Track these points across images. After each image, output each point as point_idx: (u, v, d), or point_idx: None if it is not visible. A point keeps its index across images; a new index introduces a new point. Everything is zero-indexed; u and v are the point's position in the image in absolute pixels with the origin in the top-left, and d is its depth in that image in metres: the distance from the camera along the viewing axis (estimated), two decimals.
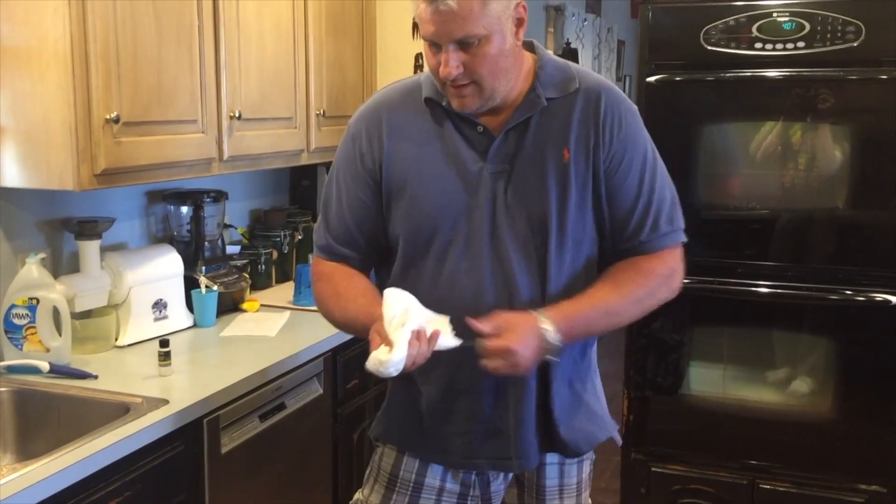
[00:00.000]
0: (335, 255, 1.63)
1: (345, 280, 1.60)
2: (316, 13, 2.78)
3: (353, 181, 1.60)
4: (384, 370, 1.36)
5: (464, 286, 1.51)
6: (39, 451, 1.71)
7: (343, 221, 1.61)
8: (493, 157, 1.52)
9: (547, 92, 1.53)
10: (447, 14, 1.38)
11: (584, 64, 6.32)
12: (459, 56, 1.42)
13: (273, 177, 3.26)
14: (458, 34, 1.40)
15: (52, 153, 1.93)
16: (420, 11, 1.42)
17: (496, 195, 1.52)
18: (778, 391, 2.86)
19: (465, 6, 1.38)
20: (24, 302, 2.06)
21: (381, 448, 1.71)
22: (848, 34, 2.51)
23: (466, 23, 1.39)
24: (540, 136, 1.52)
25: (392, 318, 1.39)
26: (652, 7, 2.71)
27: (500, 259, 1.52)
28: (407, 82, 1.64)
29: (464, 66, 1.43)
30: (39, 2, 1.87)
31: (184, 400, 1.88)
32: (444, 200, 1.53)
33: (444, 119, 1.55)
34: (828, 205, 2.71)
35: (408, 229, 1.56)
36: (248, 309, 2.70)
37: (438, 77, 1.47)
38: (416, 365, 1.39)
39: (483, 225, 1.52)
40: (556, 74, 1.55)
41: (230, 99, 2.38)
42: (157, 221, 2.68)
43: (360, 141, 1.60)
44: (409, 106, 1.58)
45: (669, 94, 2.72)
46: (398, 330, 1.37)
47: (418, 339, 1.38)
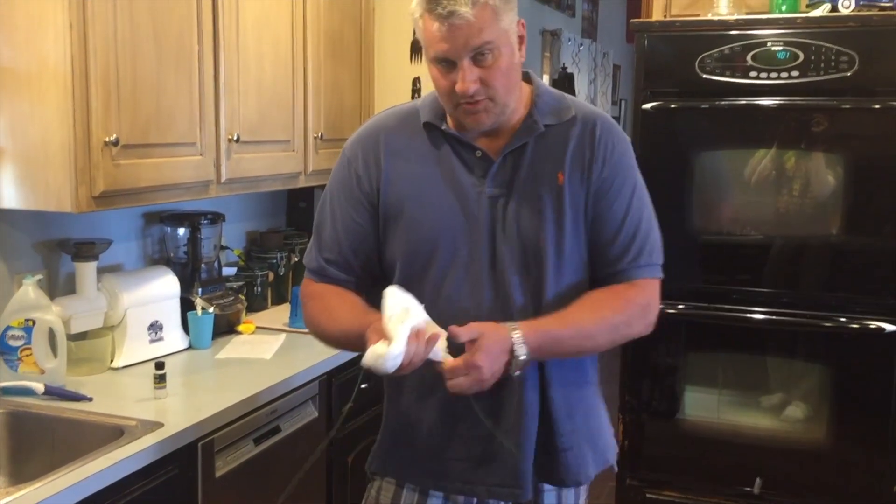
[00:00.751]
0: (327, 278, 1.62)
1: (336, 297, 1.60)
2: (315, 37, 2.80)
3: (348, 204, 1.60)
4: (381, 364, 1.33)
5: (462, 309, 1.51)
6: (33, 473, 1.70)
7: (337, 244, 1.61)
8: (491, 180, 1.53)
9: (544, 119, 1.55)
10: (463, 26, 1.39)
11: (580, 88, 6.37)
12: (476, 71, 1.43)
13: (270, 199, 3.27)
14: (475, 43, 1.41)
15: (51, 175, 1.94)
16: (431, 31, 1.42)
17: (495, 219, 1.53)
18: (772, 417, 2.86)
19: (480, 17, 1.40)
20: (20, 323, 2.06)
21: (378, 482, 1.69)
22: (842, 64, 2.54)
23: (483, 32, 1.40)
24: (536, 160, 1.54)
25: (392, 315, 1.37)
26: (648, 35, 2.74)
27: (499, 282, 1.52)
28: (404, 107, 1.65)
29: (480, 81, 1.44)
30: (41, 25, 1.89)
31: (178, 423, 1.88)
32: (442, 223, 1.53)
33: (441, 143, 1.56)
34: (822, 231, 2.73)
35: (405, 252, 1.56)
36: (243, 331, 2.70)
37: (451, 98, 1.47)
38: (412, 366, 1.37)
39: (482, 248, 1.52)
40: (553, 103, 1.58)
41: (228, 122, 2.40)
42: (154, 243, 2.69)
43: (356, 164, 1.60)
44: (406, 130, 1.59)
45: (665, 121, 2.74)
46: (398, 325, 1.35)
47: (417, 338, 1.36)
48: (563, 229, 1.53)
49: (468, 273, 1.53)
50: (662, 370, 2.89)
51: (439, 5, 1.40)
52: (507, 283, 1.52)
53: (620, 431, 2.90)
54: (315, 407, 2.38)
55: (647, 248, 1.58)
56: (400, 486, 1.65)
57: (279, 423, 2.23)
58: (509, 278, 1.52)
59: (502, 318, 1.50)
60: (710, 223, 2.85)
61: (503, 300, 1.52)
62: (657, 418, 2.90)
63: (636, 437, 2.90)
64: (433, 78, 1.49)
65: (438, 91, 1.51)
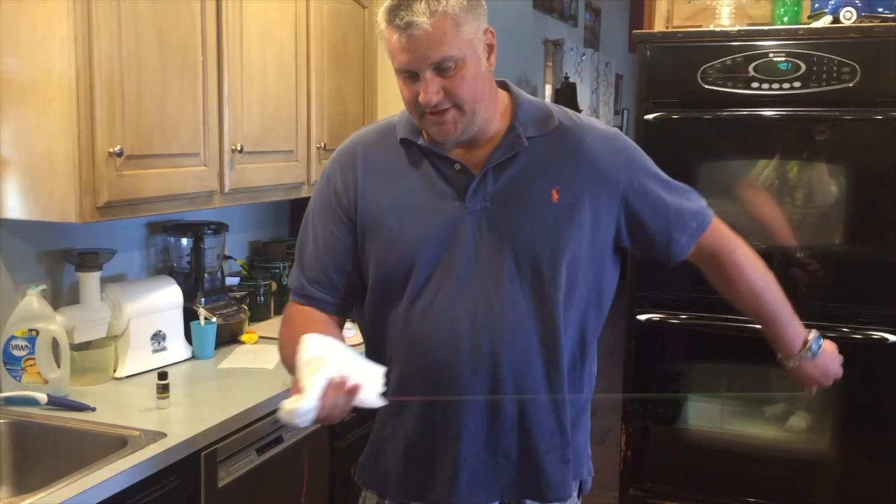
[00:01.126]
0: (309, 299, 1.59)
1: (303, 325, 1.52)
2: (318, 47, 2.81)
3: (329, 220, 1.58)
4: (291, 420, 1.25)
5: (438, 326, 1.49)
6: (36, 484, 1.70)
7: (319, 261, 1.59)
8: (472, 195, 1.50)
9: (527, 131, 1.52)
10: (422, 38, 1.38)
11: (582, 97, 6.38)
12: (438, 81, 1.42)
13: (273, 209, 3.27)
14: (435, 57, 1.40)
15: (55, 185, 1.95)
16: (392, 43, 1.42)
17: (476, 234, 1.49)
18: (776, 427, 2.86)
19: (439, 27, 1.38)
20: (23, 333, 2.07)
21: (364, 492, 1.68)
22: (843, 75, 2.55)
23: (442, 45, 1.39)
24: (523, 175, 1.51)
25: (306, 364, 1.29)
26: (650, 46, 2.74)
27: (480, 298, 1.49)
28: (382, 122, 1.64)
29: (444, 91, 1.42)
30: (46, 37, 1.90)
31: (181, 433, 1.88)
32: (420, 238, 1.50)
33: (420, 158, 1.54)
34: (824, 241, 2.73)
35: (383, 268, 1.53)
36: (246, 341, 2.70)
37: (416, 108, 1.45)
38: (335, 418, 1.31)
39: (461, 263, 1.49)
40: (534, 112, 1.55)
41: (232, 132, 2.40)
42: (158, 253, 2.69)
43: (335, 181, 1.59)
44: (383, 144, 1.57)
45: (667, 132, 2.75)
46: (310, 377, 1.27)
47: (336, 389, 1.28)
48: (559, 245, 1.50)
49: (445, 290, 1.49)
50: (665, 380, 2.89)
51: (397, 17, 1.39)
52: (489, 299, 1.49)
53: (623, 441, 2.90)
54: None
55: (693, 205, 1.65)
56: (382, 498, 1.63)
57: (282, 433, 2.23)
58: (492, 294, 1.49)
59: (479, 334, 1.48)
60: None
61: (484, 316, 1.48)
62: (660, 428, 2.90)
63: (639, 447, 2.90)
64: (400, 89, 1.47)
65: (405, 102, 1.48)
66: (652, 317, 2.81)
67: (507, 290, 1.49)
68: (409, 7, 1.38)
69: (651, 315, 2.81)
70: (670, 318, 2.77)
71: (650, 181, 1.60)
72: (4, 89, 1.96)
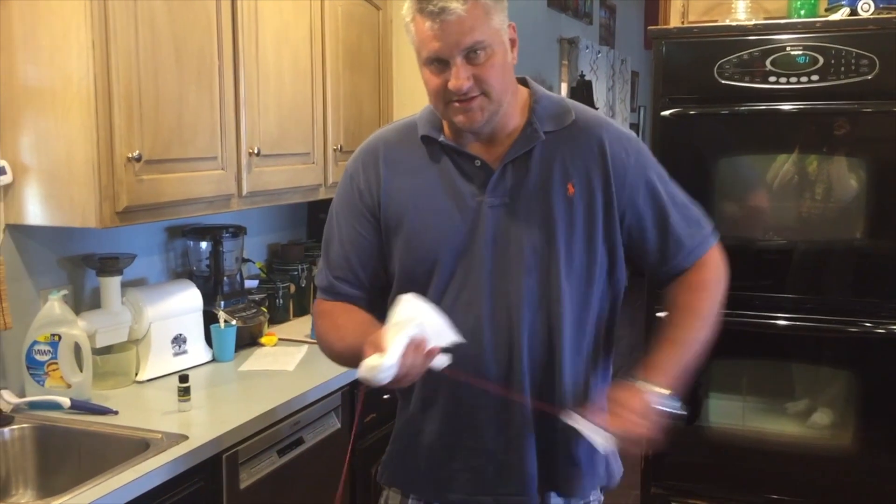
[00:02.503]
0: (338, 295, 1.62)
1: (344, 314, 1.59)
2: (333, 50, 2.82)
3: (353, 218, 1.60)
4: (374, 376, 1.28)
5: (462, 320, 1.48)
6: (60, 487, 1.72)
7: (346, 259, 1.61)
8: (492, 190, 1.51)
9: (544, 125, 1.53)
10: (455, 24, 1.39)
11: (598, 95, 6.36)
12: (468, 68, 1.42)
13: (290, 211, 3.29)
14: (468, 42, 1.40)
15: (75, 191, 1.97)
16: (423, 31, 1.41)
17: (497, 229, 1.51)
18: (798, 423, 2.84)
19: (472, 13, 1.39)
20: (46, 338, 2.08)
21: (386, 492, 1.69)
22: (862, 67, 2.53)
23: (474, 31, 1.40)
24: (541, 169, 1.52)
25: (394, 324, 1.33)
26: (666, 42, 2.73)
27: (502, 293, 1.50)
28: (403, 121, 1.65)
29: (473, 78, 1.42)
30: (64, 44, 1.92)
31: (203, 435, 1.89)
32: (442, 234, 1.52)
33: (440, 155, 1.55)
34: (845, 235, 2.70)
35: (406, 263, 1.55)
36: (266, 343, 2.72)
37: (443, 96, 1.45)
38: (411, 378, 1.33)
39: (483, 258, 1.51)
40: (552, 107, 1.56)
41: (249, 136, 2.42)
42: (177, 257, 2.71)
43: (357, 179, 1.60)
44: (404, 142, 1.59)
45: (684, 128, 2.73)
46: (395, 336, 1.30)
47: (415, 350, 1.31)
48: (573, 240, 1.51)
49: (468, 284, 1.51)
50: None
51: (430, 3, 1.39)
52: (510, 292, 1.50)
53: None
54: (338, 418, 2.39)
55: (694, 229, 1.61)
56: (405, 496, 1.65)
57: (302, 435, 2.23)
58: (513, 288, 1.50)
59: (503, 330, 1.50)
60: (732, 229, 2.83)
61: (506, 310, 1.50)
62: (681, 426, 2.88)
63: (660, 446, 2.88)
64: (425, 80, 1.47)
65: (430, 92, 1.47)
66: None
67: (526, 284, 1.50)
68: None
69: None
70: None
71: (658, 188, 1.59)
72: (24, 97, 1.98)
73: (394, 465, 1.67)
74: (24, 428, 1.96)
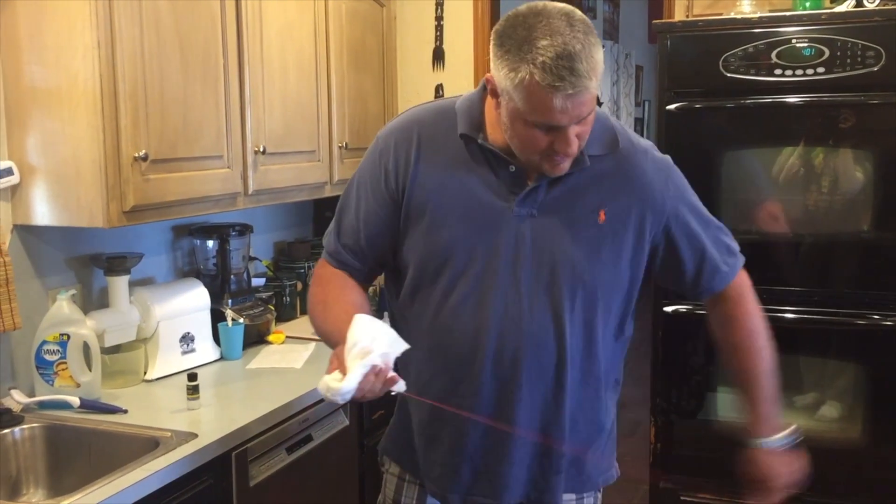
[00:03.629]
0: (340, 262, 1.62)
1: (337, 290, 1.59)
2: (337, 47, 2.82)
3: (373, 196, 1.58)
4: (331, 397, 1.35)
5: (466, 320, 1.50)
6: (71, 486, 1.73)
7: (356, 232, 1.60)
8: (521, 200, 1.49)
9: (591, 148, 1.49)
10: (587, 101, 1.35)
11: (602, 90, 6.34)
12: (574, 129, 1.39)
13: (296, 209, 3.29)
14: (587, 111, 1.37)
15: (82, 191, 1.97)
16: (545, 102, 1.33)
17: (519, 238, 1.49)
18: (806, 416, 2.83)
19: (595, 84, 1.35)
20: (55, 338, 2.09)
21: (385, 473, 1.73)
22: (868, 59, 2.51)
23: (594, 99, 1.38)
24: (576, 191, 1.50)
25: (354, 346, 1.35)
26: (670, 35, 2.72)
27: (513, 301, 1.49)
28: (441, 104, 1.60)
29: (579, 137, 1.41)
30: (70, 44, 1.92)
31: (212, 433, 1.90)
32: (462, 233, 1.50)
33: (476, 152, 1.51)
34: (852, 228, 2.69)
35: (421, 254, 1.54)
36: (273, 341, 2.72)
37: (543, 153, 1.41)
38: (366, 399, 1.38)
39: (500, 264, 1.49)
40: (600, 133, 1.52)
41: (255, 134, 2.42)
42: (184, 256, 2.72)
43: (387, 157, 1.56)
44: (440, 131, 1.55)
45: (690, 122, 2.72)
46: (356, 360, 1.34)
47: (375, 376, 1.35)
48: (598, 264, 1.51)
49: (478, 287, 1.50)
50: (693, 371, 2.86)
51: (570, 85, 1.31)
52: (522, 303, 1.49)
53: (653, 434, 2.89)
54: (346, 415, 2.39)
55: (726, 255, 1.65)
56: (402, 478, 1.69)
57: (311, 432, 2.24)
58: (524, 301, 1.49)
59: (510, 335, 1.49)
60: (738, 222, 2.82)
61: (513, 321, 1.49)
62: (689, 420, 2.88)
63: (668, 440, 2.88)
64: (523, 136, 1.41)
65: (527, 146, 1.42)
66: (679, 308, 2.79)
67: (539, 303, 1.49)
68: (573, 71, 1.30)
69: (678, 307, 2.79)
70: (697, 310, 2.74)
71: (693, 216, 1.61)
72: (30, 98, 1.99)
73: (390, 438, 1.73)
74: (35, 427, 1.97)
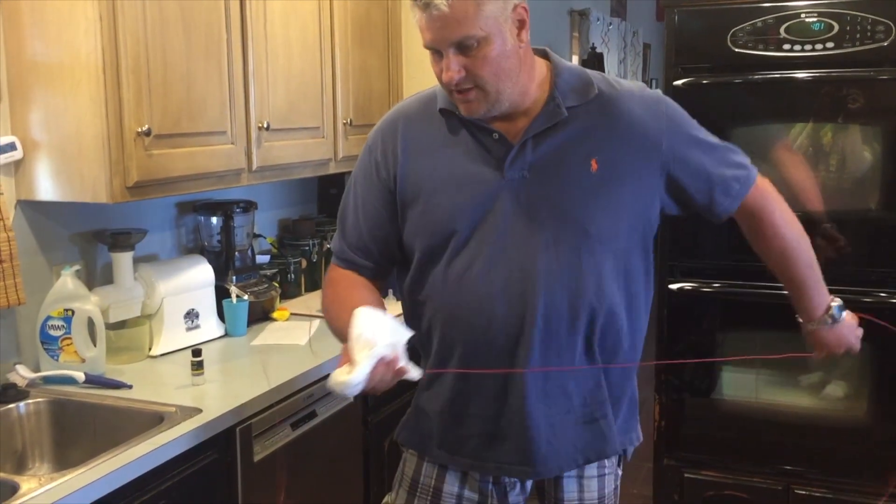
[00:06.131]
0: (348, 263, 1.65)
1: (347, 289, 1.62)
2: (342, 23, 2.80)
3: (368, 191, 1.62)
4: (342, 391, 1.35)
5: (475, 290, 1.51)
6: (76, 460, 1.73)
7: (358, 230, 1.64)
8: (510, 164, 1.51)
9: (567, 100, 1.51)
10: (441, 19, 1.38)
11: (609, 68, 6.30)
12: (460, 60, 1.42)
13: (301, 186, 3.28)
14: (455, 37, 1.40)
15: (86, 167, 1.97)
16: (418, 20, 1.43)
17: (514, 203, 1.50)
18: (812, 395, 2.83)
19: (459, 8, 1.37)
20: (59, 313, 2.09)
21: (405, 453, 1.73)
22: (878, 34, 2.49)
23: (461, 25, 1.38)
24: (563, 145, 1.51)
25: (358, 338, 1.36)
26: (678, 11, 2.70)
27: (517, 266, 1.50)
28: (425, 93, 1.65)
29: (465, 70, 1.42)
30: (71, 19, 1.91)
31: (217, 409, 1.90)
32: (459, 207, 1.52)
33: (459, 128, 1.55)
34: (860, 206, 2.68)
35: (423, 235, 1.56)
36: (278, 318, 2.72)
37: (445, 84, 1.47)
38: (378, 391, 1.39)
39: (499, 231, 1.51)
40: (574, 81, 1.54)
41: (258, 110, 2.41)
42: (188, 232, 2.71)
43: (375, 152, 1.62)
44: (424, 115, 1.59)
45: (697, 98, 2.70)
46: (363, 352, 1.34)
47: (385, 367, 1.36)
48: (595, 214, 1.51)
49: (483, 255, 1.51)
50: (699, 350, 2.86)
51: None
52: (527, 267, 1.50)
53: (657, 412, 2.89)
54: None
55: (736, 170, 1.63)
56: (421, 458, 1.69)
57: (315, 408, 2.24)
58: (528, 262, 1.50)
59: (517, 300, 1.50)
60: None
61: (521, 283, 1.50)
62: (694, 398, 2.88)
63: (673, 418, 2.88)
64: (431, 64, 1.49)
65: (435, 77, 1.49)
66: (684, 286, 2.78)
67: (542, 259, 1.50)
68: None
69: (683, 284, 2.78)
70: (703, 287, 2.74)
71: (692, 147, 1.59)
72: (32, 72, 1.98)
73: (410, 426, 1.71)
74: (40, 402, 1.98)
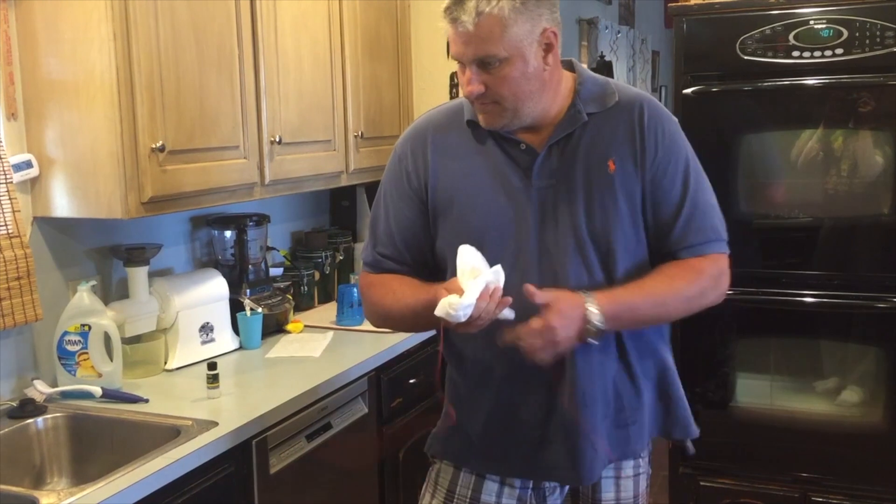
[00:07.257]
0: (383, 271, 1.67)
1: (396, 280, 1.64)
2: (352, 36, 2.82)
3: (399, 200, 1.65)
4: (453, 314, 1.37)
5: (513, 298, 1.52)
6: (94, 474, 1.74)
7: (391, 238, 1.66)
8: (537, 173, 1.55)
9: (587, 107, 1.56)
10: (466, 35, 1.44)
11: (618, 76, 6.30)
12: (481, 76, 1.47)
13: (313, 199, 3.30)
14: (477, 54, 1.45)
15: (101, 183, 1.99)
16: (447, 31, 1.48)
17: (543, 210, 1.54)
18: (827, 401, 2.81)
19: (485, 28, 1.43)
20: (76, 329, 2.11)
21: (437, 464, 1.73)
22: (887, 39, 2.49)
23: (485, 44, 1.44)
24: (583, 149, 1.55)
25: (465, 268, 1.41)
26: (686, 19, 2.70)
27: (549, 273, 1.53)
28: (452, 104, 1.68)
29: (485, 86, 1.48)
30: (86, 37, 1.93)
31: (233, 421, 1.91)
32: (490, 216, 1.56)
33: (486, 138, 1.59)
34: (872, 211, 2.67)
35: (456, 243, 1.56)
36: (292, 330, 2.73)
37: (465, 94, 1.52)
38: (481, 322, 1.40)
39: (531, 240, 1.54)
40: (595, 90, 1.59)
41: (270, 124, 2.43)
42: (202, 246, 2.73)
43: (406, 161, 1.64)
44: (453, 126, 1.63)
45: (707, 105, 2.71)
46: (470, 280, 1.39)
47: (490, 296, 1.39)
48: (616, 218, 1.54)
49: (517, 264, 1.54)
50: (713, 357, 2.86)
51: (449, 11, 1.46)
52: (557, 272, 1.53)
53: None
54: (364, 403, 2.40)
55: (709, 224, 1.59)
56: (458, 468, 1.69)
57: (330, 420, 2.25)
58: (560, 267, 1.53)
59: None
60: (757, 206, 2.81)
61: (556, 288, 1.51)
62: (709, 406, 2.87)
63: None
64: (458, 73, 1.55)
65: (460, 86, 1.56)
66: None
67: (571, 264, 1.53)
68: (460, 5, 1.44)
69: None
70: None
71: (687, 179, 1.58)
72: (48, 90, 2.00)
73: (445, 438, 1.71)
74: (58, 417, 1.99)
